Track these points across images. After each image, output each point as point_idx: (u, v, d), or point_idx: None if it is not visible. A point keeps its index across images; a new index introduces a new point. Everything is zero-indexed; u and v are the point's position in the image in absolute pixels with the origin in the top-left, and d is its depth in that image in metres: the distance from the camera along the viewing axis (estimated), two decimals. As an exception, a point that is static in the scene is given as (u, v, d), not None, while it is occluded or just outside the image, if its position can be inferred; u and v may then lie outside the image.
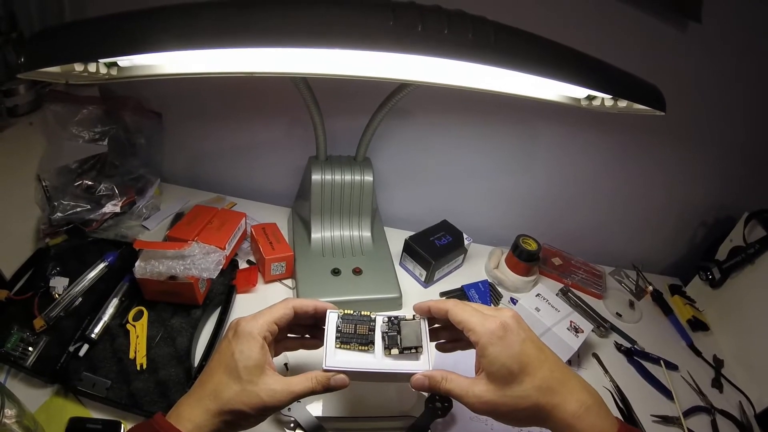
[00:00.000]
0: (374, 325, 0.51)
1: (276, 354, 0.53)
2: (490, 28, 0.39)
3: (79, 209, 0.77)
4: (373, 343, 0.50)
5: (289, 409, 0.57)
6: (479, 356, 0.46)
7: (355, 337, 0.50)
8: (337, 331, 0.50)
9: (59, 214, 0.75)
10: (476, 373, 0.47)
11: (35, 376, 0.59)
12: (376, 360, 0.50)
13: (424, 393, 0.60)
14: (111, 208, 0.80)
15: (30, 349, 0.60)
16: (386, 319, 0.52)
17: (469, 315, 0.47)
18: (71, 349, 0.61)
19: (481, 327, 0.45)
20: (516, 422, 0.46)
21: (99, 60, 0.41)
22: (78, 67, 0.41)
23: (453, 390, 0.46)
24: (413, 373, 0.49)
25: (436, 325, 0.54)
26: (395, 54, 0.37)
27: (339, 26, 0.35)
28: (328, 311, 0.51)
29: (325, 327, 0.51)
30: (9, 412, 0.48)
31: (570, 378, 0.45)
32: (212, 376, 0.45)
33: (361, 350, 0.50)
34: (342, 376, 0.48)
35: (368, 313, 0.52)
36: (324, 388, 0.47)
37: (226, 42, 0.36)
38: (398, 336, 0.50)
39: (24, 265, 0.71)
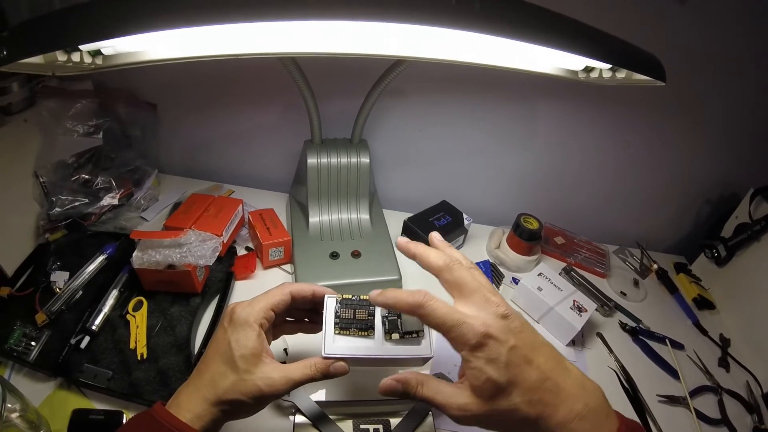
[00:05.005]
0: (374, 310, 0.50)
1: (274, 338, 0.52)
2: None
3: (77, 203, 0.77)
4: (373, 328, 0.49)
5: (289, 394, 0.57)
6: (463, 363, 0.41)
7: (355, 322, 0.49)
8: (336, 316, 0.49)
9: (58, 209, 0.75)
10: (459, 377, 0.43)
11: (38, 370, 0.60)
12: (376, 345, 0.49)
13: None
14: (109, 200, 0.80)
15: (32, 343, 0.61)
16: None
17: (446, 315, 0.40)
18: (73, 341, 0.61)
19: (461, 334, 0.39)
20: (506, 431, 0.42)
21: (79, 47, 0.40)
22: (61, 56, 0.40)
23: (432, 398, 0.42)
24: (415, 358, 0.48)
25: None
26: (378, 24, 0.36)
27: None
28: (326, 297, 0.50)
29: (324, 313, 0.50)
30: (13, 406, 0.48)
31: (564, 384, 0.40)
32: (209, 366, 0.45)
33: (361, 336, 0.49)
34: (342, 363, 0.47)
35: (367, 297, 0.51)
36: (323, 376, 0.46)
37: (205, 18, 0.34)
38: (399, 320, 0.49)
39: (25, 262, 0.72)
